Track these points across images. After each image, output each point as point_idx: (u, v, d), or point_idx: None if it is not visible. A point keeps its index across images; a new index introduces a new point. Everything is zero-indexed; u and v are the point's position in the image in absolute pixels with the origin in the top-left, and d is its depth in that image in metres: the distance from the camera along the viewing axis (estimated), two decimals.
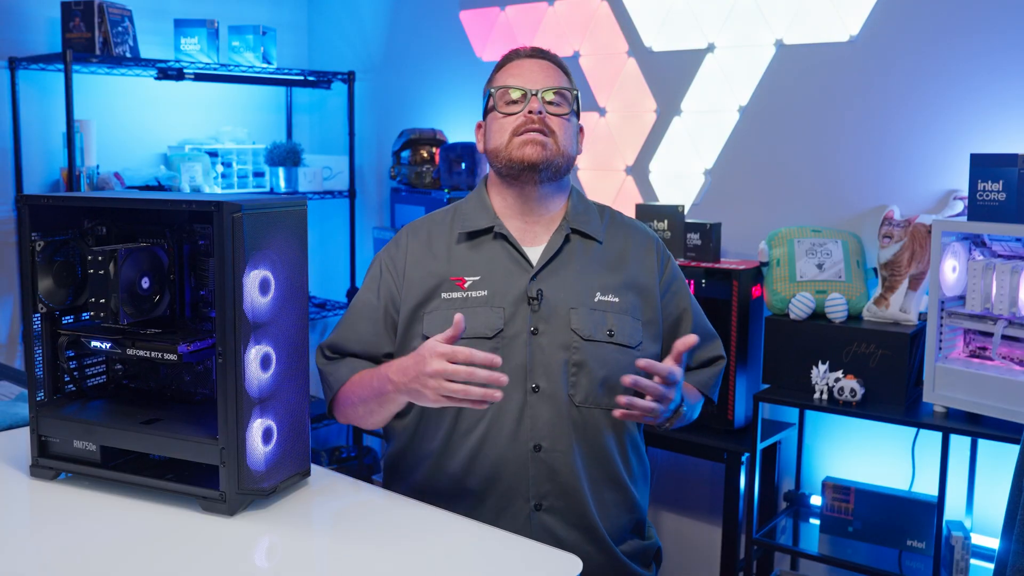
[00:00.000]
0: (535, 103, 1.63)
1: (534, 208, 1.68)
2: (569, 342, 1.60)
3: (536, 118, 1.63)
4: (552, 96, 1.65)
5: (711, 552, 2.84)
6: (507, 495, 1.58)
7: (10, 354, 3.24)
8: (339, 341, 1.70)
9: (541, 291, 1.61)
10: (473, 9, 3.46)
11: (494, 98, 1.68)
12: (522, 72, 1.68)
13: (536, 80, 1.66)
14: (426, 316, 1.63)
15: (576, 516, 1.59)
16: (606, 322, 1.62)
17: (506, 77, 1.69)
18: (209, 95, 3.72)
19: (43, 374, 1.50)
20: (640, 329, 1.65)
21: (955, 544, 2.22)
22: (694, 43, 2.90)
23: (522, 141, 1.62)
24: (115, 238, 1.52)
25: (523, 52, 1.72)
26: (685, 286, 1.77)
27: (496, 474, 1.58)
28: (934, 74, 2.46)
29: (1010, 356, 2.10)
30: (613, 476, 1.63)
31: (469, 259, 1.66)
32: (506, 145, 1.64)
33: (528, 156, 1.62)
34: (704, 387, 1.75)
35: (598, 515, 1.61)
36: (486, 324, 1.60)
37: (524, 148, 1.62)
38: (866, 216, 2.59)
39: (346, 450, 3.79)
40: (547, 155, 1.62)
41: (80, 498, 1.42)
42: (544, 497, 1.58)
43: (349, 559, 1.28)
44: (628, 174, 3.09)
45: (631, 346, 1.63)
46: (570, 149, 1.67)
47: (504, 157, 1.64)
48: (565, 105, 1.67)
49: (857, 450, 2.62)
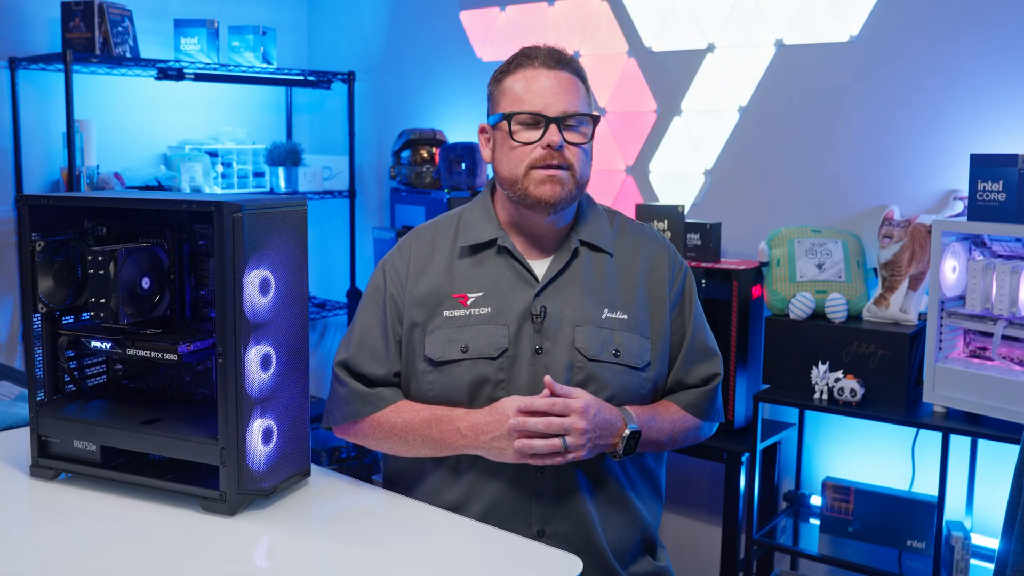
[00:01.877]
0: (555, 135, 1.50)
1: (541, 230, 1.60)
2: (573, 361, 1.53)
3: (557, 154, 1.50)
4: (572, 120, 1.52)
5: (711, 552, 2.84)
6: (508, 520, 1.52)
7: (10, 354, 3.24)
8: (356, 361, 1.60)
9: (545, 308, 1.54)
10: (473, 9, 3.46)
11: (507, 120, 1.53)
12: (538, 88, 1.52)
13: (555, 102, 1.51)
14: (428, 336, 1.56)
15: (582, 540, 1.53)
16: (613, 341, 1.55)
17: (520, 91, 1.53)
18: (209, 95, 3.72)
19: (43, 374, 1.50)
20: (648, 348, 1.58)
21: (955, 544, 2.22)
22: (694, 43, 2.90)
23: (540, 179, 1.50)
24: (115, 238, 1.52)
25: (539, 56, 1.54)
26: (696, 304, 1.67)
27: (498, 498, 1.53)
28: (934, 74, 2.46)
29: (1010, 356, 2.10)
30: (618, 495, 1.58)
31: (472, 274, 1.58)
32: (522, 179, 1.52)
33: (546, 195, 1.51)
34: (692, 408, 1.63)
35: (604, 537, 1.55)
36: (490, 344, 1.53)
37: (542, 187, 1.50)
38: (866, 216, 2.59)
39: (346, 450, 3.78)
40: (563, 193, 1.51)
41: (80, 498, 1.42)
42: (548, 522, 1.53)
43: (349, 559, 1.28)
44: (628, 174, 3.09)
45: (638, 367, 1.56)
46: (587, 175, 1.56)
47: (519, 189, 1.52)
48: (585, 130, 1.54)
49: (857, 450, 2.61)
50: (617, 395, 1.55)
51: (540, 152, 1.51)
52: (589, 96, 1.59)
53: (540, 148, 1.51)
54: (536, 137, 1.51)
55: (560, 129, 1.51)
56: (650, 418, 1.56)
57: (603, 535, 1.55)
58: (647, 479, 1.64)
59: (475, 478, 1.54)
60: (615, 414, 1.49)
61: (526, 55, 1.56)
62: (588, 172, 1.57)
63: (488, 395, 1.53)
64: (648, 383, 1.59)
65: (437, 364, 1.55)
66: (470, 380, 1.53)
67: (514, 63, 1.57)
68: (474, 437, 1.47)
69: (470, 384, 1.53)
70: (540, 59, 1.54)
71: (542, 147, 1.51)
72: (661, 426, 1.57)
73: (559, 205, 1.53)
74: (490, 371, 1.53)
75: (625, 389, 1.55)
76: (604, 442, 1.47)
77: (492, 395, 1.53)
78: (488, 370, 1.53)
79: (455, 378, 1.54)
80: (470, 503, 1.54)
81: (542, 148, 1.51)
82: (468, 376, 1.53)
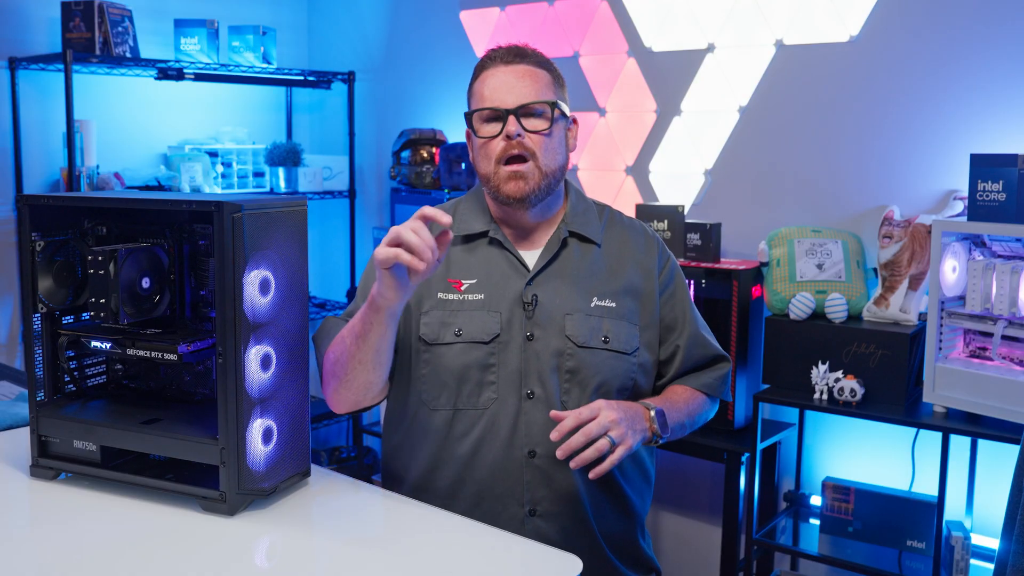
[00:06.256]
0: (512, 125, 1.54)
1: (528, 223, 1.65)
2: (563, 348, 1.58)
3: (515, 143, 1.55)
4: (531, 109, 1.57)
5: (711, 552, 2.84)
6: (501, 500, 1.57)
7: (10, 354, 3.24)
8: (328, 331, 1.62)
9: (536, 296, 1.59)
10: (473, 9, 3.46)
11: (469, 119, 1.61)
12: (496, 85, 1.57)
13: (510, 95, 1.56)
14: (423, 316, 1.61)
15: (573, 521, 1.58)
16: (601, 328, 1.59)
17: (480, 92, 1.59)
18: (209, 95, 3.72)
19: (43, 374, 1.50)
20: (637, 335, 1.63)
21: (955, 544, 2.22)
22: (694, 43, 2.90)
23: (506, 175, 1.56)
24: (115, 238, 1.52)
25: (498, 56, 1.60)
26: (684, 290, 1.72)
27: (491, 479, 1.57)
28: (934, 74, 2.46)
29: (1010, 356, 2.10)
30: (608, 480, 1.61)
31: (466, 261, 1.64)
32: (493, 176, 1.58)
33: (512, 192, 1.56)
34: (707, 388, 1.71)
35: (595, 519, 1.60)
36: (482, 329, 1.58)
37: (508, 184, 1.56)
38: (866, 216, 2.59)
39: (346, 450, 3.79)
40: (530, 188, 1.56)
41: (80, 498, 1.42)
42: (538, 503, 1.57)
43: (349, 559, 1.28)
44: (628, 174, 3.09)
45: (627, 352, 1.61)
46: (555, 162, 1.59)
47: (493, 186, 1.59)
48: (544, 119, 1.58)
49: (857, 450, 2.62)
50: (607, 381, 1.59)
51: (502, 144, 1.56)
52: (556, 87, 1.62)
53: (501, 140, 1.56)
54: (497, 131, 1.57)
55: (518, 119, 1.56)
56: (664, 402, 1.61)
57: (592, 515, 1.60)
58: (637, 467, 1.68)
59: (467, 461, 1.58)
60: (631, 404, 1.54)
61: (488, 57, 1.62)
62: (557, 161, 1.60)
63: (478, 379, 1.57)
64: (636, 368, 1.63)
65: (430, 344, 1.59)
66: (461, 363, 1.57)
67: (478, 67, 1.64)
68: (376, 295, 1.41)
69: (461, 367, 1.57)
70: (499, 58, 1.61)
71: (503, 139, 1.56)
72: (678, 407, 1.64)
73: (528, 200, 1.58)
74: (481, 355, 1.57)
75: (615, 374, 1.59)
76: (640, 427, 1.51)
77: (482, 379, 1.57)
78: (479, 354, 1.57)
79: (447, 360, 1.58)
80: (464, 484, 1.58)
81: (503, 140, 1.56)
82: (460, 359, 1.57)
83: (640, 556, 1.69)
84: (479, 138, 1.59)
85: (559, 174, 1.62)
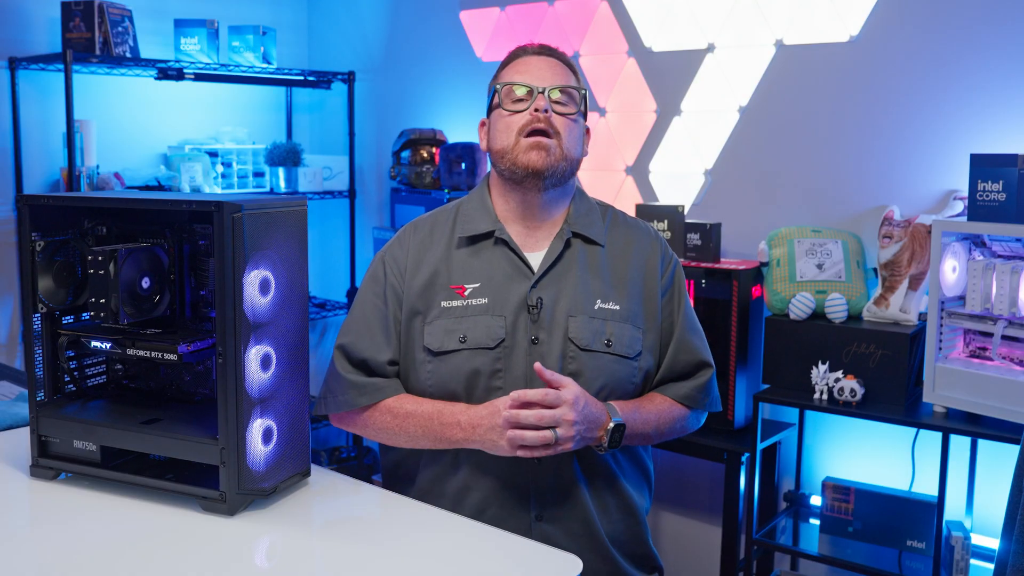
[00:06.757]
0: (541, 101, 1.57)
1: (537, 213, 1.63)
2: (566, 351, 1.57)
3: (542, 117, 1.57)
4: (559, 95, 1.59)
5: (711, 552, 2.84)
6: (508, 506, 1.56)
7: (10, 354, 3.24)
8: (357, 348, 1.61)
9: (541, 299, 1.58)
10: (473, 9, 3.46)
11: (499, 95, 1.62)
12: (529, 69, 1.62)
13: (543, 77, 1.60)
14: (427, 327, 1.59)
15: (578, 523, 1.57)
16: (605, 331, 1.58)
17: (512, 74, 1.63)
18: (209, 95, 3.72)
19: (43, 374, 1.50)
20: (640, 339, 1.61)
21: (955, 544, 2.22)
22: (694, 43, 2.90)
23: (528, 145, 1.57)
24: (115, 238, 1.52)
25: (530, 49, 1.66)
26: (683, 293, 1.70)
27: (497, 486, 1.56)
28: (934, 74, 2.46)
29: (1010, 356, 2.10)
30: (611, 482, 1.61)
31: (469, 265, 1.61)
32: (512, 147, 1.58)
33: (533, 162, 1.56)
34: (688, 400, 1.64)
35: (600, 521, 1.59)
36: (488, 334, 1.56)
37: (529, 153, 1.56)
38: (866, 216, 2.59)
39: (346, 450, 3.79)
40: (551, 161, 1.57)
41: (80, 498, 1.42)
42: (545, 507, 1.56)
43: (349, 559, 1.28)
44: (628, 174, 3.09)
45: (629, 356, 1.59)
46: (575, 152, 1.61)
47: (509, 160, 1.58)
48: (572, 105, 1.61)
49: (857, 450, 2.62)
50: (608, 384, 1.57)
51: (528, 117, 1.59)
52: (579, 81, 1.67)
53: (528, 114, 1.59)
54: (526, 106, 1.60)
55: (549, 99, 1.59)
56: (634, 411, 1.57)
57: (598, 518, 1.59)
58: (635, 465, 1.68)
59: (474, 467, 1.57)
60: (600, 408, 1.51)
61: (521, 49, 1.68)
62: (579, 148, 1.64)
63: (485, 385, 1.56)
64: (639, 372, 1.61)
65: (436, 354, 1.57)
66: (468, 370, 1.56)
67: (509, 56, 1.69)
68: (471, 431, 1.50)
69: (468, 374, 1.56)
70: (532, 51, 1.67)
71: (530, 113, 1.59)
72: (646, 418, 1.59)
73: (546, 172, 1.58)
74: (487, 361, 1.56)
75: (617, 378, 1.58)
76: (590, 435, 1.49)
77: (489, 385, 1.56)
78: (485, 360, 1.56)
79: (453, 368, 1.56)
80: (470, 491, 1.57)
81: (530, 114, 1.58)
82: (466, 366, 1.56)
83: (645, 554, 1.69)
84: (506, 110, 1.60)
85: (575, 165, 1.64)
